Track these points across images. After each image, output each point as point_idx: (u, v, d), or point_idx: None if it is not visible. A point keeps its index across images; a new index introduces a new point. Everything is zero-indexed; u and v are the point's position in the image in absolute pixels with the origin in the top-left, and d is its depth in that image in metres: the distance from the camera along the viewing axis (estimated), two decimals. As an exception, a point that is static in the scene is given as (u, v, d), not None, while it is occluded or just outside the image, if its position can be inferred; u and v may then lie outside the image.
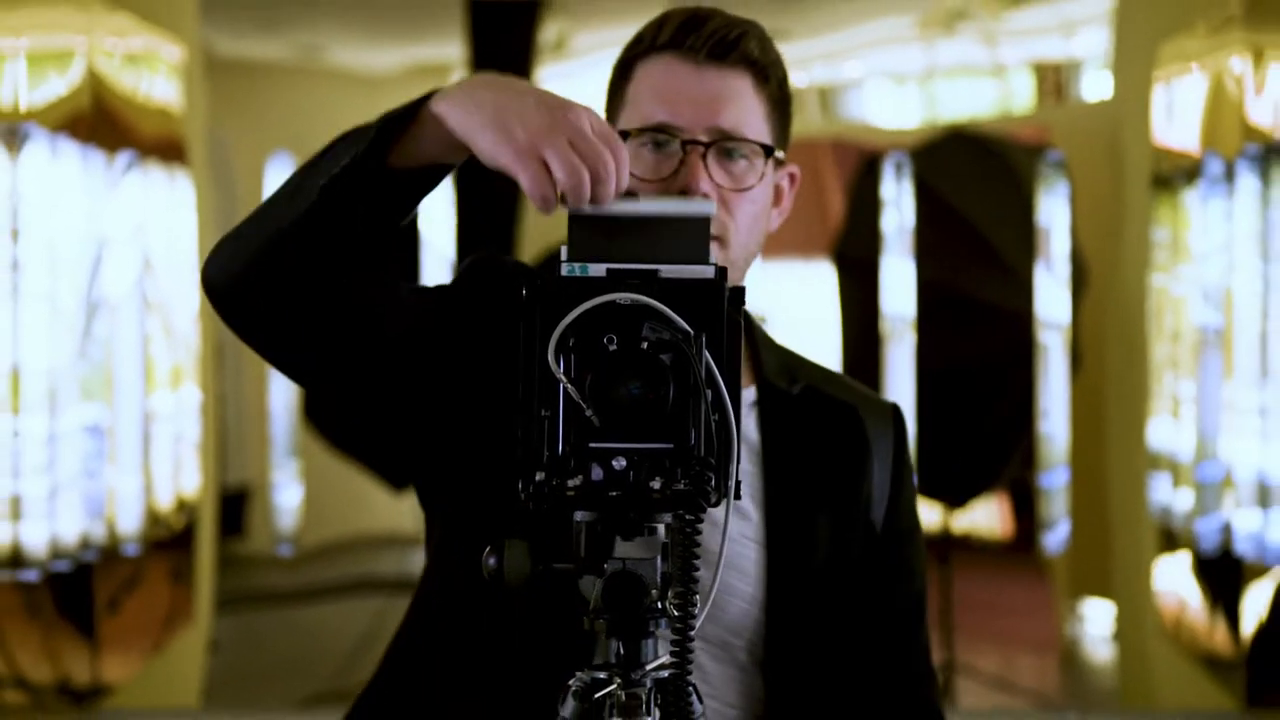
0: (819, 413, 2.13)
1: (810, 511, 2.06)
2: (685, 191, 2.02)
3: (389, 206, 1.98)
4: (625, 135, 2.04)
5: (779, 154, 2.10)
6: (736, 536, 2.08)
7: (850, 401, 2.15)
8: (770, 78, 2.07)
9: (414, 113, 1.86)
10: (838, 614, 2.05)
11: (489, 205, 4.12)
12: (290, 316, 1.99)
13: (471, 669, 2.18)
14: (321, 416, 4.13)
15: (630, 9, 4.15)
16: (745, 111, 2.05)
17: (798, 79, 4.18)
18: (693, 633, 1.77)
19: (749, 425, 2.16)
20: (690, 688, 1.80)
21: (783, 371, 2.17)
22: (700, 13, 2.08)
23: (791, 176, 2.16)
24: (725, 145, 2.03)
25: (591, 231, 1.77)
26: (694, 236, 1.77)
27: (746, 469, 2.13)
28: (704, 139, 2.02)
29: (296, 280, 1.96)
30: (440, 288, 2.24)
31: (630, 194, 1.78)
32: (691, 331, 1.71)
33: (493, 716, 2.17)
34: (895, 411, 2.20)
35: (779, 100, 2.09)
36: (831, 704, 2.09)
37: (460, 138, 1.84)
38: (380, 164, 1.90)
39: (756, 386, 2.18)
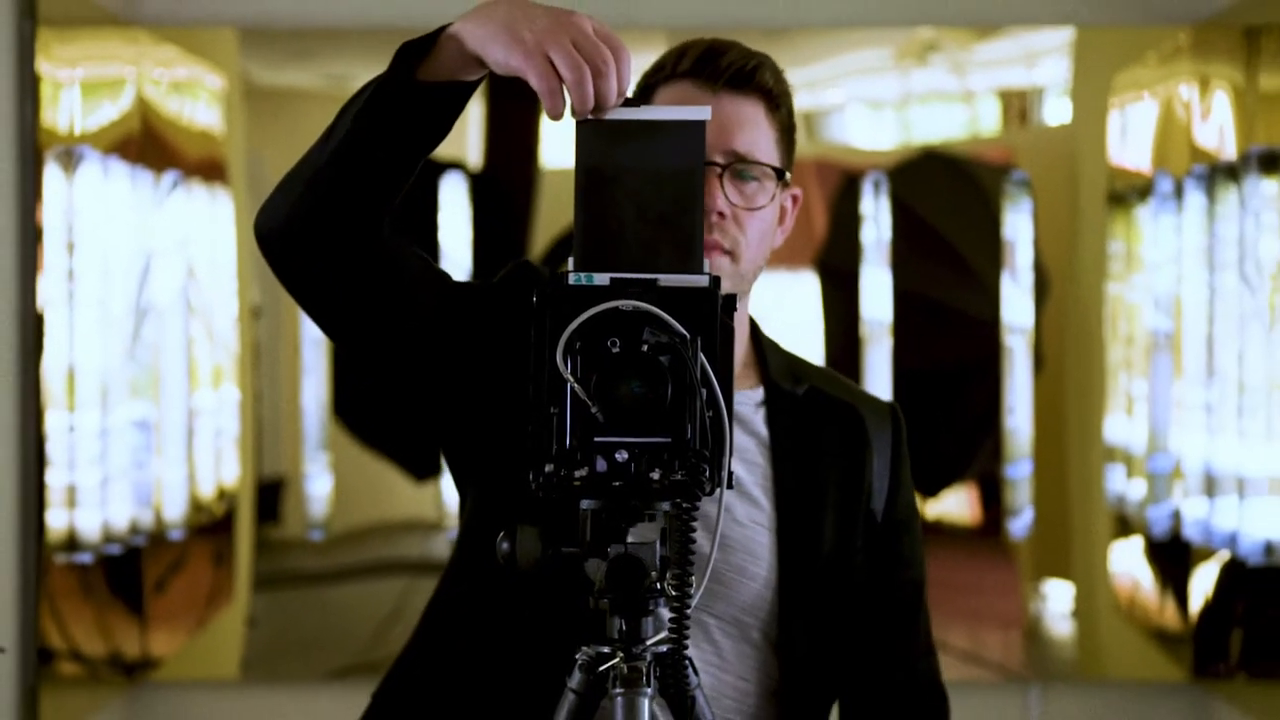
0: (822, 411, 2.13)
1: (817, 501, 2.06)
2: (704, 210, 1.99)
3: (418, 127, 1.97)
4: None
5: (787, 176, 2.10)
6: (749, 523, 2.08)
7: (850, 401, 2.15)
8: (781, 106, 2.09)
9: (434, 39, 1.89)
10: (844, 596, 2.05)
11: (504, 219, 4.10)
12: (330, 263, 2.02)
13: (491, 642, 2.17)
14: (350, 413, 4.11)
15: (629, 43, 4.12)
16: (758, 136, 2.05)
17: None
18: (689, 610, 1.77)
19: (758, 422, 2.15)
20: (687, 661, 1.79)
21: (787, 373, 2.16)
22: (718, 44, 2.10)
23: (794, 198, 2.15)
24: (739, 167, 2.03)
25: (596, 137, 1.78)
26: (692, 139, 1.77)
27: (758, 463, 2.14)
28: (720, 161, 2.03)
29: (335, 218, 2.00)
30: (482, 284, 2.26)
31: (631, 101, 1.78)
32: (688, 335, 1.71)
33: (510, 685, 2.15)
34: (894, 410, 2.18)
35: (787, 127, 2.10)
36: (841, 680, 2.08)
37: (475, 51, 1.86)
38: (408, 80, 1.91)
39: (764, 387, 2.17)
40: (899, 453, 2.15)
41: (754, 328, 2.24)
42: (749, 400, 2.18)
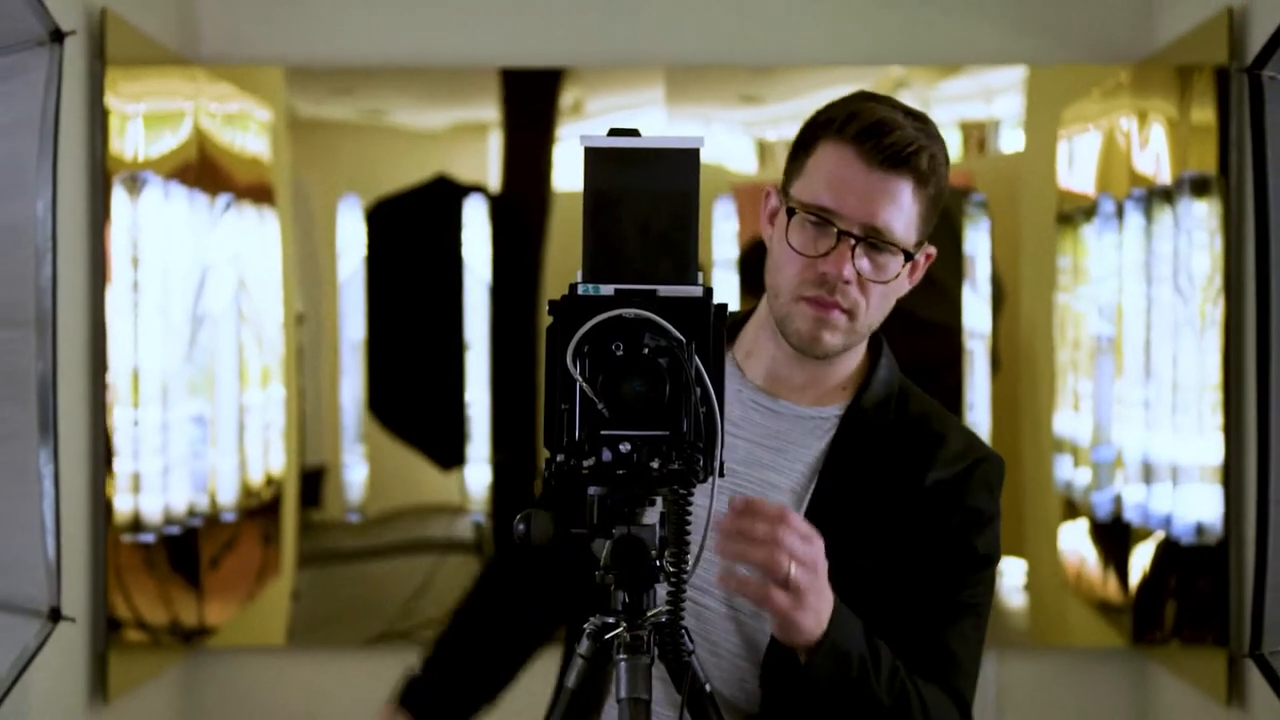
0: (899, 437, 2.05)
1: (846, 516, 2.00)
2: (826, 277, 1.98)
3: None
4: (791, 211, 2.01)
5: (917, 256, 2.04)
6: None
7: (941, 432, 2.08)
8: (930, 184, 2.00)
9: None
10: (861, 598, 1.97)
11: (520, 237, 4.08)
12: None
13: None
14: (383, 409, 4.11)
15: (632, 80, 4.13)
16: (899, 214, 1.98)
17: (769, 137, 4.15)
18: (685, 584, 1.77)
19: (820, 437, 2.10)
20: (683, 630, 1.78)
21: (882, 402, 2.10)
22: (886, 122, 1.99)
23: (928, 255, 2.08)
24: (873, 241, 1.97)
25: (603, 163, 1.74)
26: (687, 165, 1.75)
27: (802, 478, 2.08)
28: (857, 233, 1.97)
29: None
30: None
31: (633, 131, 1.76)
32: (684, 340, 1.70)
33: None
34: (980, 462, 2.08)
35: (934, 199, 2.02)
36: None
37: None
38: None
39: (846, 406, 2.12)
40: (961, 486, 2.05)
41: (879, 356, 2.16)
42: (829, 414, 2.11)
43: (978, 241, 4.10)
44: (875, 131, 1.97)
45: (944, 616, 2.06)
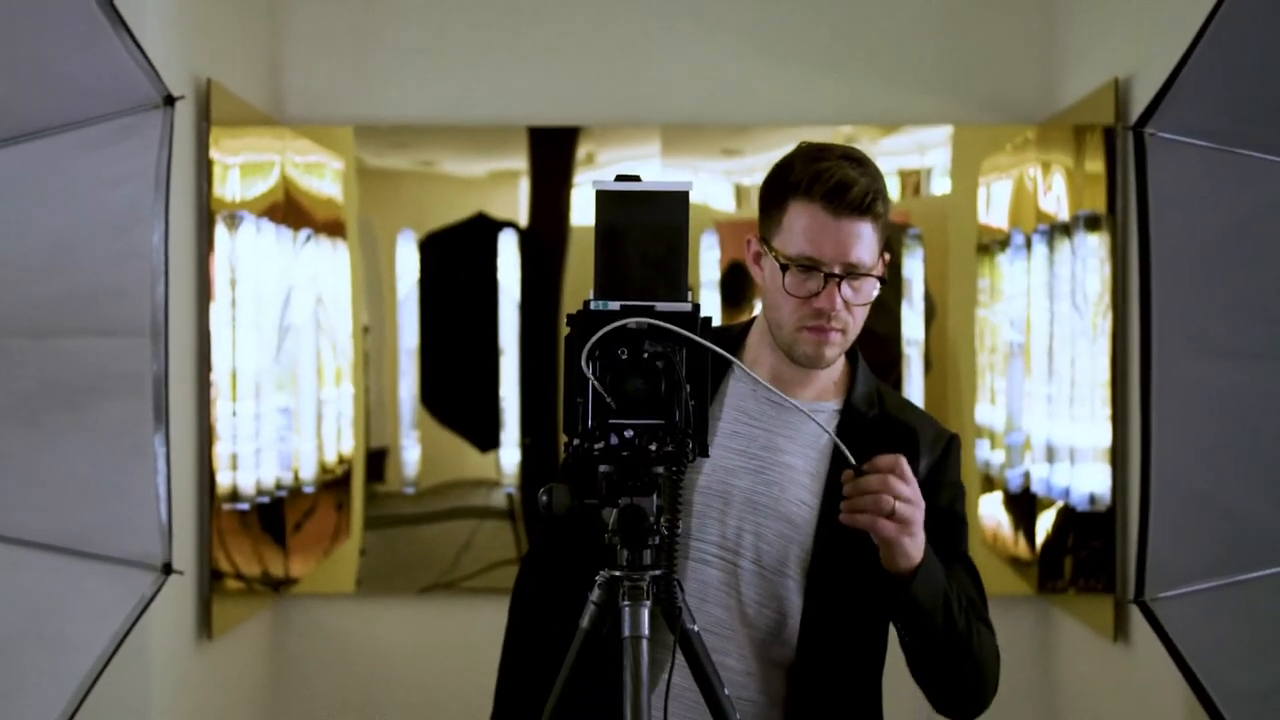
0: (885, 432, 2.02)
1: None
2: (821, 311, 1.97)
3: None
4: (785, 266, 1.98)
5: (885, 260, 2.02)
6: (798, 503, 2.02)
7: (913, 426, 2.06)
8: (881, 217, 1.99)
9: None
10: (862, 563, 1.96)
11: (544, 263, 4.08)
12: None
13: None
14: (433, 402, 4.12)
15: (634, 137, 4.12)
16: (867, 249, 1.96)
17: (745, 182, 4.14)
18: (675, 545, 1.76)
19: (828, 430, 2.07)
20: (675, 582, 1.78)
21: (867, 398, 2.08)
22: (846, 179, 1.96)
23: (884, 261, 2.05)
24: (852, 274, 1.96)
25: (611, 203, 1.75)
26: (673, 214, 1.74)
27: (814, 463, 2.05)
28: (839, 271, 1.95)
29: None
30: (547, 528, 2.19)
31: (634, 177, 1.75)
32: (680, 347, 1.70)
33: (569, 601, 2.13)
34: (950, 440, 2.08)
35: (885, 225, 2.00)
36: (853, 610, 2.01)
37: None
38: None
39: (842, 405, 2.10)
40: (943, 466, 2.05)
41: (856, 361, 2.14)
42: (825, 409, 2.09)
43: (913, 267, 4.09)
44: (838, 190, 1.95)
45: (956, 568, 2.06)
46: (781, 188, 2.01)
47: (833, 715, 2.02)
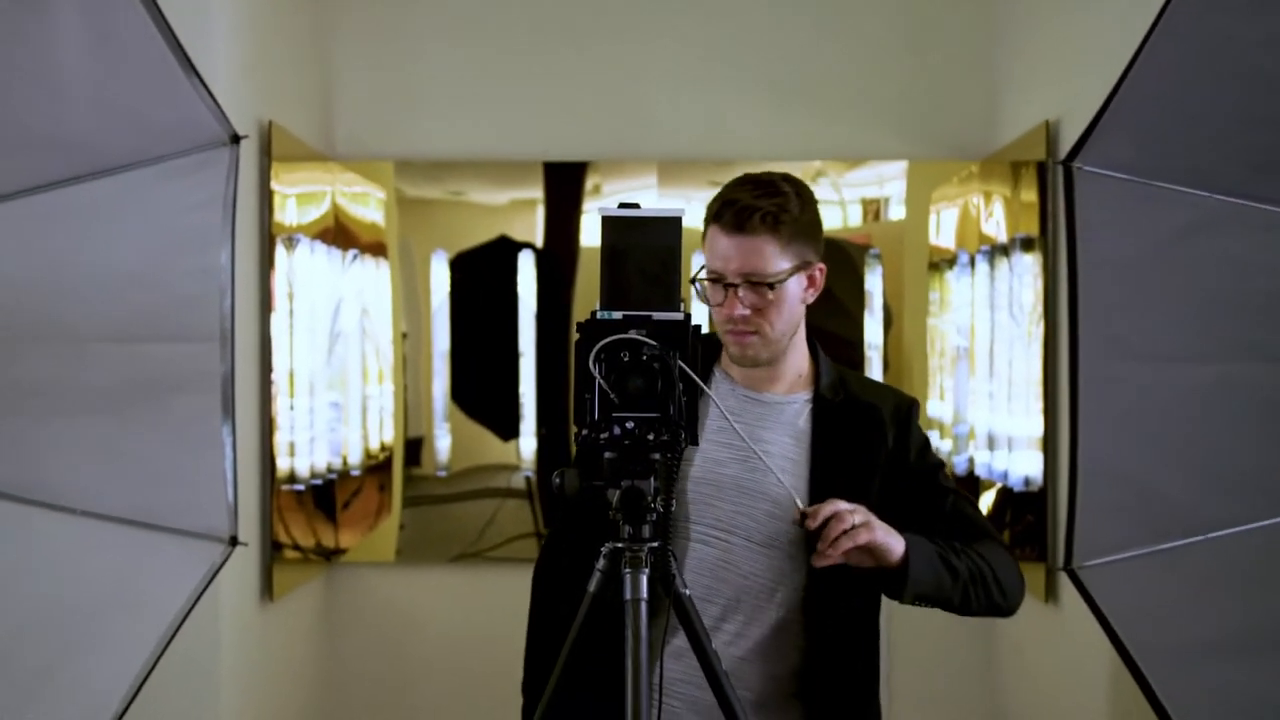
0: (852, 414, 2.02)
1: (837, 478, 1.97)
2: (730, 317, 1.98)
3: None
4: (703, 281, 2.00)
5: (810, 264, 2.01)
6: (781, 484, 2.00)
7: (875, 403, 2.05)
8: (783, 228, 1.96)
9: None
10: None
11: (557, 279, 4.07)
12: None
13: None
14: (461, 398, 4.12)
15: (634, 170, 4.12)
16: (761, 259, 1.94)
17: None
18: (670, 521, 1.76)
19: (802, 420, 2.06)
20: (670, 553, 1.78)
21: (832, 387, 2.06)
22: (734, 200, 1.98)
23: (821, 269, 2.04)
24: (750, 282, 1.95)
25: (614, 227, 1.75)
26: (668, 237, 1.74)
27: (793, 449, 2.04)
28: (736, 281, 1.94)
29: None
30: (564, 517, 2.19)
31: (634, 205, 1.76)
32: (671, 350, 1.71)
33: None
34: (910, 407, 2.07)
35: (793, 234, 1.97)
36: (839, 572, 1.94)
37: None
38: None
39: (812, 395, 2.07)
40: (907, 430, 2.04)
41: (815, 353, 2.12)
42: (798, 400, 2.07)
43: (874, 282, 4.09)
44: (734, 213, 1.96)
45: (951, 505, 2.05)
46: (707, 217, 2.02)
47: (835, 664, 2.00)
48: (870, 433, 2.03)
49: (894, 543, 1.88)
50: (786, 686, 2.01)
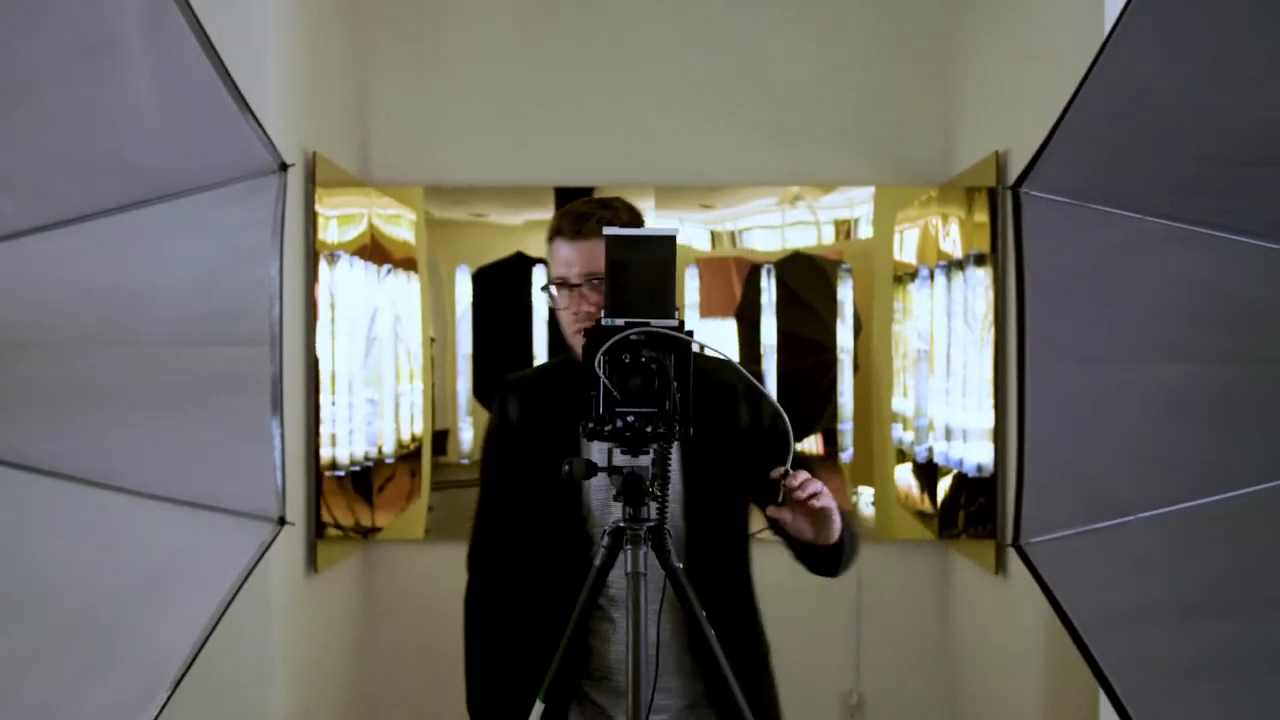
0: (711, 389, 1.89)
1: (704, 450, 1.96)
2: (578, 315, 1.98)
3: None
4: (550, 287, 2.00)
5: None
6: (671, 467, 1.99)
7: (731, 383, 2.03)
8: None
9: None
10: (714, 489, 2.00)
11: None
12: None
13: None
14: (481, 394, 4.12)
15: (634, 194, 4.12)
16: (599, 261, 1.89)
17: (718, 229, 4.14)
18: (666, 502, 1.76)
19: None
20: (666, 531, 1.78)
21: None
22: (579, 211, 1.99)
23: None
24: (592, 281, 1.96)
25: (617, 244, 1.74)
26: (663, 253, 1.75)
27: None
28: (580, 282, 1.96)
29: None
30: (498, 427, 2.15)
31: (636, 226, 1.79)
32: (669, 353, 1.71)
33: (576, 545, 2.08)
34: (739, 383, 2.04)
35: None
36: (718, 518, 1.97)
37: None
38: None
39: None
40: (758, 405, 2.00)
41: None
42: None
43: (845, 293, 4.10)
44: (566, 220, 1.99)
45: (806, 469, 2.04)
46: (548, 240, 2.03)
47: (714, 590, 1.95)
48: (726, 407, 2.03)
49: (837, 523, 1.89)
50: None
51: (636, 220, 2.04)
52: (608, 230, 1.75)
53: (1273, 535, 1.59)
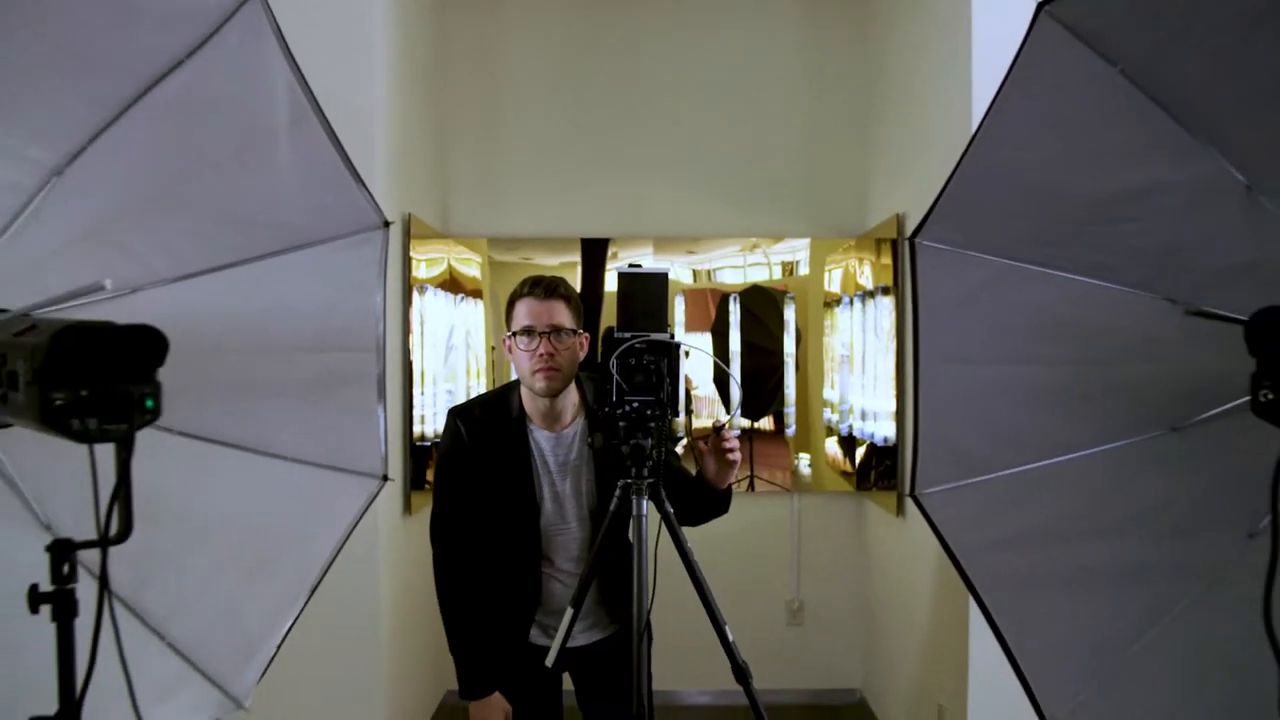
0: (615, 417, 1.77)
1: (609, 454, 1.87)
2: (541, 358, 1.89)
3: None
4: (514, 334, 1.92)
5: (580, 332, 1.96)
6: (587, 479, 1.94)
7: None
8: (571, 299, 1.93)
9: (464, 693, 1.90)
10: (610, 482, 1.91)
11: (588, 313, 4.06)
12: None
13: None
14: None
15: (637, 244, 4.12)
16: (561, 316, 1.91)
17: (699, 268, 4.14)
18: (662, 466, 1.76)
19: (580, 439, 1.98)
20: (662, 489, 1.78)
21: (598, 404, 1.96)
22: (538, 279, 1.95)
23: (586, 336, 1.99)
24: (555, 331, 1.91)
25: (625, 278, 1.72)
26: (659, 286, 1.76)
27: (579, 448, 1.98)
28: (546, 330, 1.91)
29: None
30: (453, 445, 2.01)
31: (638, 265, 1.78)
32: (663, 357, 1.71)
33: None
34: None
35: (574, 309, 1.94)
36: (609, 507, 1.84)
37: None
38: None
39: (586, 414, 2.01)
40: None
41: (583, 387, 2.02)
42: (577, 423, 1.98)
43: (790, 314, 4.09)
44: (537, 286, 1.94)
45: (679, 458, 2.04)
46: (510, 302, 1.98)
47: (607, 555, 1.93)
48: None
49: (733, 476, 1.90)
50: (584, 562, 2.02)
51: (574, 294, 1.98)
52: (618, 269, 1.76)
53: (1096, 484, 1.59)
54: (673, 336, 1.76)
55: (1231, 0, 1.29)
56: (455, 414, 2.07)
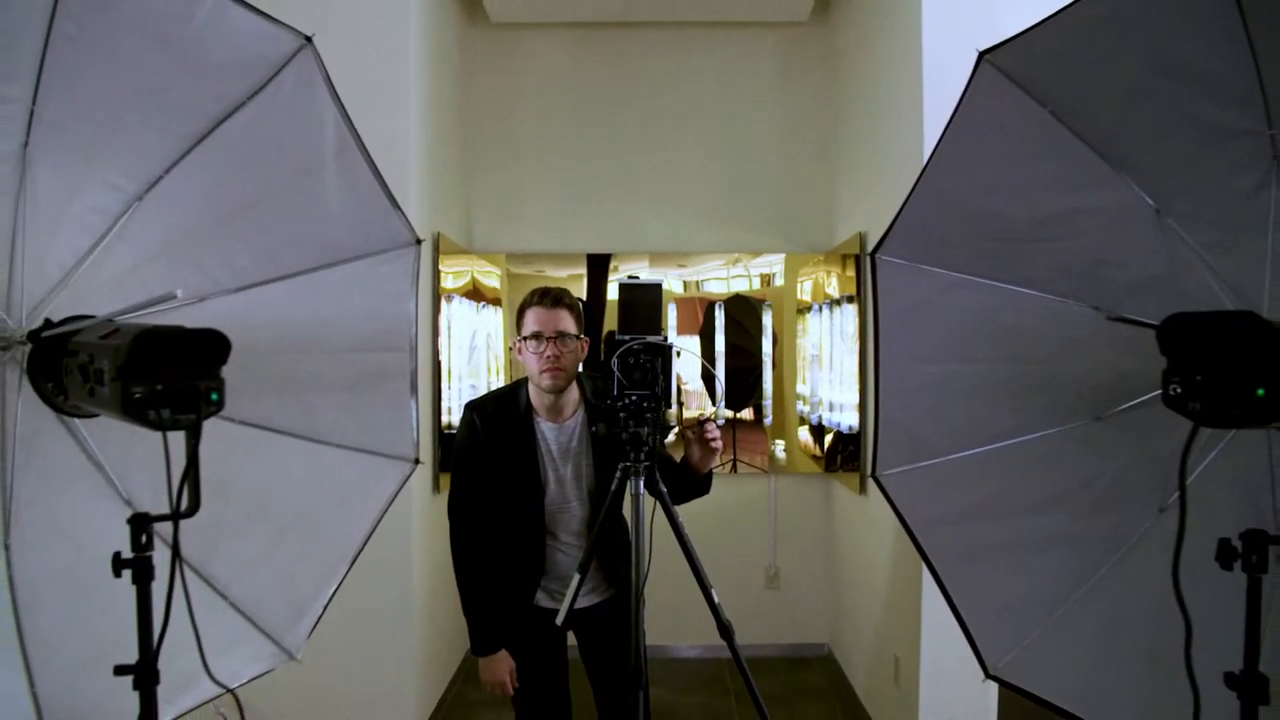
0: (613, 410, 1.76)
1: (608, 445, 1.87)
2: (547, 359, 1.85)
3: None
4: (524, 338, 1.89)
5: (581, 336, 1.95)
6: (586, 465, 1.92)
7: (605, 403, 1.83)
8: (574, 308, 1.91)
9: (474, 650, 1.88)
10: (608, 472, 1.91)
11: (592, 319, 4.06)
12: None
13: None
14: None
15: (635, 258, 4.13)
16: (565, 323, 1.89)
17: (689, 279, 4.15)
18: (656, 454, 1.75)
19: (581, 429, 1.95)
20: (656, 467, 1.78)
21: (597, 400, 1.97)
22: (546, 290, 1.92)
23: (586, 340, 1.97)
24: (560, 336, 1.89)
25: (625, 287, 1.71)
26: (654, 295, 1.75)
27: (582, 437, 1.96)
28: (553, 335, 1.89)
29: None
30: (469, 439, 1.96)
31: (636, 276, 1.78)
32: (657, 356, 1.71)
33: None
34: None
35: (579, 315, 1.92)
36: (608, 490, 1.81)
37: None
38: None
39: (585, 408, 1.98)
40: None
41: (583, 385, 2.00)
42: (578, 415, 1.96)
43: (768, 320, 4.10)
44: (546, 296, 1.92)
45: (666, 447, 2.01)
46: (520, 310, 1.95)
47: (605, 532, 1.92)
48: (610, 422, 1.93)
49: (714, 463, 1.88)
50: (584, 538, 2.00)
51: (576, 303, 1.97)
52: (619, 280, 1.76)
53: (1030, 466, 1.61)
54: (666, 339, 1.77)
55: (1139, 52, 1.32)
56: (470, 407, 2.05)
